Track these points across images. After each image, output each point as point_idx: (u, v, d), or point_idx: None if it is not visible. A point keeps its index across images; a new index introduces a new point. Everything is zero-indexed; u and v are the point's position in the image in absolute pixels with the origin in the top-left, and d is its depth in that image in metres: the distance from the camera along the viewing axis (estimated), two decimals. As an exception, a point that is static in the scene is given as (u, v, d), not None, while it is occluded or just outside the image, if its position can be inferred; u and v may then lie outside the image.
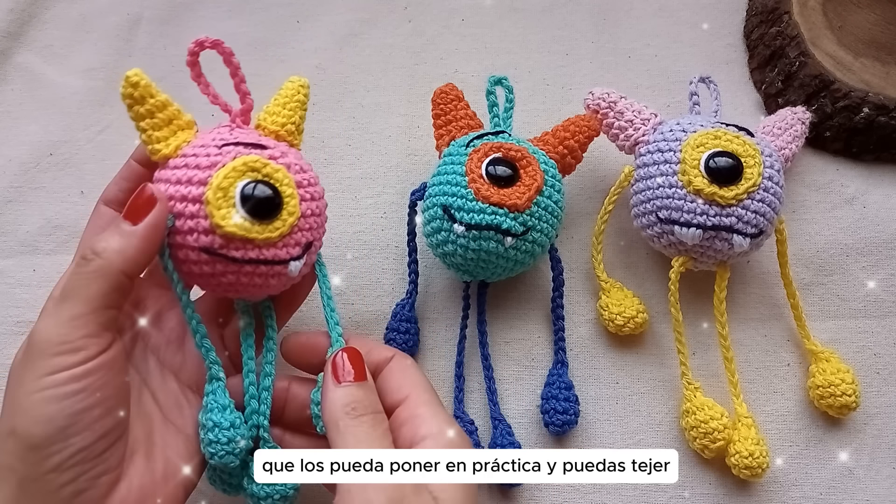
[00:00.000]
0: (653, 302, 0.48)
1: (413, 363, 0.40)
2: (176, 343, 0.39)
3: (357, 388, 0.35)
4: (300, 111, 0.40)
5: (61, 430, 0.30)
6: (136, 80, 0.34)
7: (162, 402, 0.37)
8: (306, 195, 0.37)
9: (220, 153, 0.35)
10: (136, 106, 0.35)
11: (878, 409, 0.46)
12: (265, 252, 0.35)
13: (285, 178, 0.35)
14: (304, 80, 0.41)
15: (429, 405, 0.37)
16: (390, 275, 0.50)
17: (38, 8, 0.59)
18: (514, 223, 0.41)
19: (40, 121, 0.55)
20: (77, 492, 0.31)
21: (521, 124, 0.52)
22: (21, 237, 0.52)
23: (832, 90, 0.49)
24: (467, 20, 0.58)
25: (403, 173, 0.52)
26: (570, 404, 0.44)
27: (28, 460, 0.30)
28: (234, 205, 0.34)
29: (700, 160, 0.42)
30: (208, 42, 0.36)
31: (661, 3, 0.58)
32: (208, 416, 0.36)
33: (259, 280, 0.35)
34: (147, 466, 0.34)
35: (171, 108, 0.36)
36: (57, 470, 0.30)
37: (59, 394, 0.30)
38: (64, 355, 0.31)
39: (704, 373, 0.47)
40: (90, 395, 0.31)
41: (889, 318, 0.48)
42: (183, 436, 0.37)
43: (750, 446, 0.42)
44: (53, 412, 0.30)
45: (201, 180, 0.34)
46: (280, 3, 0.59)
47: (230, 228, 0.33)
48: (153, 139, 0.35)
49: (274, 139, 0.38)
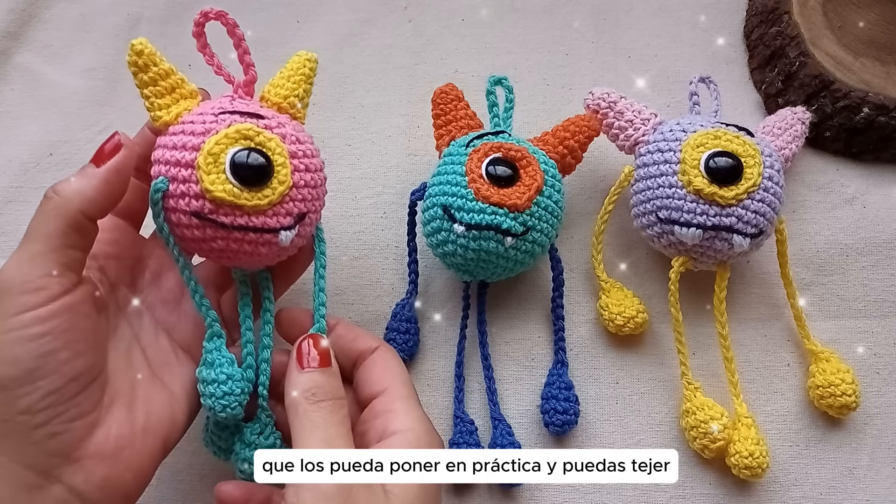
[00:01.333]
0: (653, 302, 0.48)
1: (395, 356, 0.40)
2: (173, 303, 0.40)
3: (319, 373, 0.36)
4: (304, 84, 0.40)
5: (29, 372, 0.31)
6: (140, 49, 0.36)
7: (151, 357, 0.38)
8: (300, 165, 0.37)
9: (216, 121, 0.36)
10: (141, 73, 0.36)
11: (878, 409, 0.46)
12: (254, 219, 0.35)
13: (278, 148, 0.36)
14: (312, 55, 0.41)
15: (404, 400, 0.37)
16: (390, 275, 0.50)
17: (38, 8, 0.59)
18: (514, 223, 0.41)
19: (40, 121, 0.55)
20: (51, 434, 0.31)
21: (521, 124, 0.52)
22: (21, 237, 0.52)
23: (832, 90, 0.49)
24: (467, 20, 0.58)
25: (403, 173, 0.52)
26: (570, 404, 0.44)
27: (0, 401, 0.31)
28: (224, 171, 0.34)
29: (700, 160, 0.42)
30: (213, 13, 0.37)
31: (661, 3, 0.58)
32: (219, 369, 0.37)
33: (249, 247, 0.36)
34: (127, 417, 0.35)
35: (175, 76, 0.37)
36: (28, 412, 0.31)
37: (25, 335, 0.31)
38: (26, 294, 0.31)
39: (704, 373, 0.47)
40: (56, 338, 0.31)
41: (889, 318, 0.48)
42: (168, 392, 0.37)
43: (750, 446, 0.42)
44: (20, 353, 0.31)
45: (195, 146, 0.35)
46: (280, 3, 0.59)
47: (218, 193, 0.34)
48: (155, 106, 0.36)
49: (276, 111, 0.39)
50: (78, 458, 0.32)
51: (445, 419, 0.46)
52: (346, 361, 0.40)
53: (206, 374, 0.37)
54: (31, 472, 0.31)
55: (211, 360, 0.38)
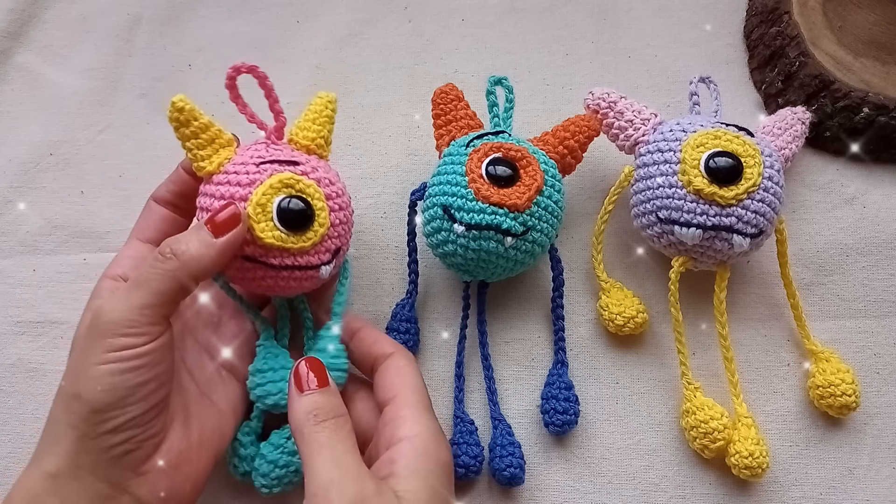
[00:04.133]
0: (653, 302, 0.48)
1: (410, 362, 0.41)
2: (212, 325, 0.43)
3: (319, 394, 0.37)
4: (329, 125, 0.44)
5: (121, 399, 0.34)
6: (181, 106, 0.38)
7: (198, 378, 0.41)
8: (335, 206, 0.40)
9: (259, 171, 0.39)
10: (182, 128, 0.38)
11: (878, 409, 0.46)
12: (299, 259, 0.39)
13: (316, 193, 0.39)
14: (332, 96, 0.44)
15: (412, 407, 0.38)
16: (390, 275, 0.50)
17: (38, 8, 0.59)
18: (514, 223, 0.41)
19: (40, 121, 0.55)
20: (126, 451, 0.35)
21: (521, 124, 0.52)
22: (21, 237, 0.52)
23: (832, 90, 0.49)
24: (467, 20, 0.58)
25: (403, 173, 0.52)
26: (570, 404, 0.44)
27: (89, 421, 0.34)
28: (272, 219, 0.38)
29: (700, 160, 0.42)
30: (244, 68, 0.39)
31: (661, 3, 0.58)
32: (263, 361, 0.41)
33: (294, 283, 0.40)
34: (184, 434, 0.38)
35: (213, 128, 0.39)
36: (112, 432, 0.34)
37: (123, 368, 0.34)
38: (130, 337, 0.35)
39: (704, 373, 0.47)
40: (148, 371, 0.35)
41: (889, 318, 0.48)
42: (216, 409, 0.41)
43: (750, 446, 0.42)
44: (116, 382, 0.34)
45: (242, 196, 0.38)
46: (280, 3, 0.59)
47: (269, 240, 0.38)
48: (198, 157, 0.39)
49: (305, 153, 0.42)
50: (145, 472, 0.36)
51: (445, 419, 0.46)
52: (366, 364, 0.42)
53: (255, 367, 0.41)
54: (104, 485, 0.35)
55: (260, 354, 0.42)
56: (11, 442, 0.47)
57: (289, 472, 0.41)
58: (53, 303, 0.50)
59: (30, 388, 0.48)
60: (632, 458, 0.45)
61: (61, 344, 0.49)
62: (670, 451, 0.45)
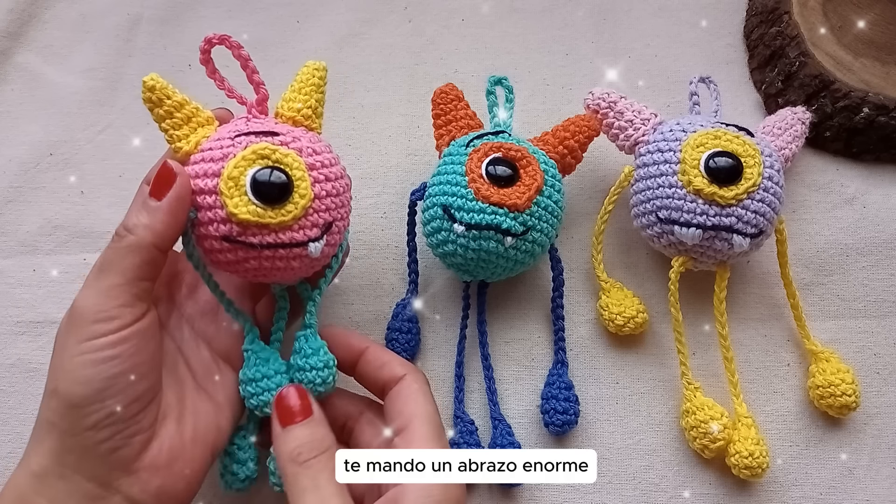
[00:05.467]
0: (653, 302, 0.48)
1: (421, 386, 0.39)
2: (210, 314, 0.41)
3: (301, 427, 0.36)
4: (316, 94, 0.41)
5: (98, 392, 0.33)
6: (152, 84, 0.36)
7: (195, 369, 0.39)
8: (320, 176, 0.37)
9: (233, 144, 0.36)
10: (156, 108, 0.37)
11: (878, 409, 0.46)
12: (281, 236, 0.36)
13: (295, 162, 0.36)
14: (320, 64, 0.42)
15: (424, 440, 0.36)
16: (390, 275, 0.50)
17: (38, 8, 0.59)
18: (514, 223, 0.41)
19: (40, 121, 0.55)
20: (112, 449, 0.33)
21: (521, 124, 0.52)
22: (21, 237, 0.52)
23: (832, 90, 0.49)
24: (467, 20, 0.58)
25: (403, 173, 0.52)
26: (570, 404, 0.44)
27: (68, 417, 0.33)
28: (246, 192, 0.35)
29: (700, 160, 0.42)
30: (216, 38, 0.37)
31: (661, 3, 0.58)
32: (255, 369, 0.39)
33: (281, 263, 0.37)
34: (177, 429, 0.36)
35: (189, 106, 0.37)
36: (94, 428, 0.33)
37: (97, 358, 0.33)
38: (101, 323, 0.33)
39: (704, 373, 0.47)
40: (125, 361, 0.34)
41: (889, 318, 0.48)
42: (213, 403, 0.39)
43: (750, 446, 0.42)
44: (91, 374, 0.33)
45: (215, 172, 0.36)
46: (280, 3, 0.59)
47: (243, 216, 0.35)
48: (174, 138, 0.37)
49: (291, 125, 0.39)
50: (135, 470, 0.34)
51: (445, 419, 0.46)
52: (376, 387, 0.40)
53: (244, 374, 0.39)
54: (93, 484, 0.33)
55: (247, 359, 0.39)
56: (11, 442, 0.47)
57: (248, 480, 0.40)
58: (53, 303, 0.50)
59: (30, 388, 0.48)
60: (632, 458, 0.45)
61: None
62: (670, 451, 0.45)
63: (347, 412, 0.41)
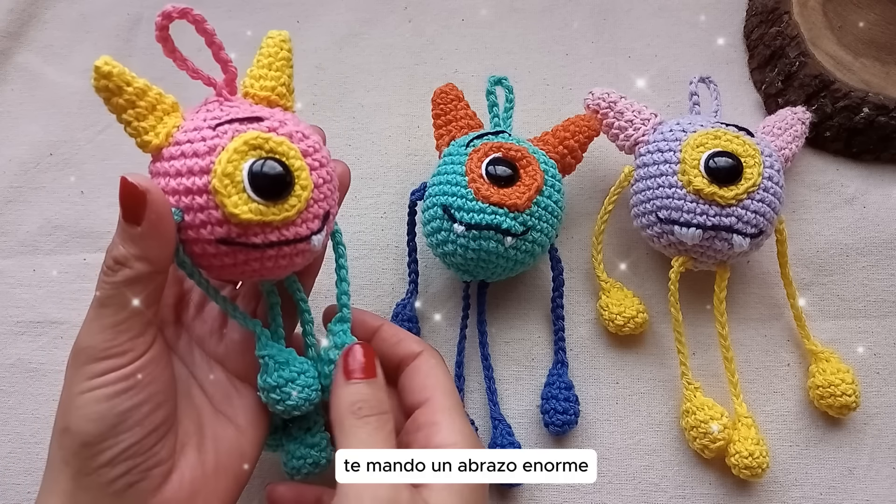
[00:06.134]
0: (653, 302, 0.48)
1: (439, 362, 0.39)
2: (218, 333, 0.39)
3: (365, 385, 0.35)
4: (287, 69, 0.36)
5: (112, 428, 0.31)
6: (107, 70, 0.31)
7: (211, 393, 0.37)
8: (315, 163, 0.34)
9: (217, 135, 0.32)
10: (114, 98, 0.31)
11: (878, 409, 0.46)
12: (286, 232, 0.33)
13: (291, 150, 0.33)
14: (284, 34, 0.37)
15: (447, 412, 0.36)
16: (390, 275, 0.50)
17: (38, 8, 0.59)
18: (514, 223, 0.41)
19: (40, 121, 0.55)
20: (129, 484, 0.32)
21: (521, 124, 0.52)
22: (21, 237, 0.52)
23: (832, 90, 0.49)
24: (467, 20, 0.58)
25: (403, 173, 0.52)
26: (570, 404, 0.44)
27: (81, 455, 0.31)
28: (244, 189, 0.31)
29: (700, 160, 0.42)
30: (175, 11, 0.32)
31: (661, 3, 0.58)
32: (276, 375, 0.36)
33: (284, 261, 0.34)
34: (198, 459, 0.35)
35: (152, 92, 0.32)
36: (109, 465, 0.31)
37: (109, 393, 0.31)
38: (112, 359, 0.31)
39: (704, 373, 0.47)
40: (138, 393, 0.32)
41: (889, 318, 0.48)
42: (234, 426, 0.37)
43: (750, 446, 0.42)
44: (104, 410, 0.31)
45: (203, 168, 0.31)
46: (280, 3, 0.59)
47: (246, 216, 0.31)
48: (140, 130, 0.32)
49: (266, 105, 0.35)
50: None
51: (445, 419, 0.46)
52: (390, 365, 0.39)
53: (263, 381, 0.36)
54: None
55: (265, 364, 0.36)
56: (11, 442, 0.47)
57: (319, 467, 0.39)
58: (53, 303, 0.50)
59: (30, 388, 0.48)
60: (632, 458, 0.45)
61: (61, 344, 0.49)
62: (670, 451, 0.45)
63: None
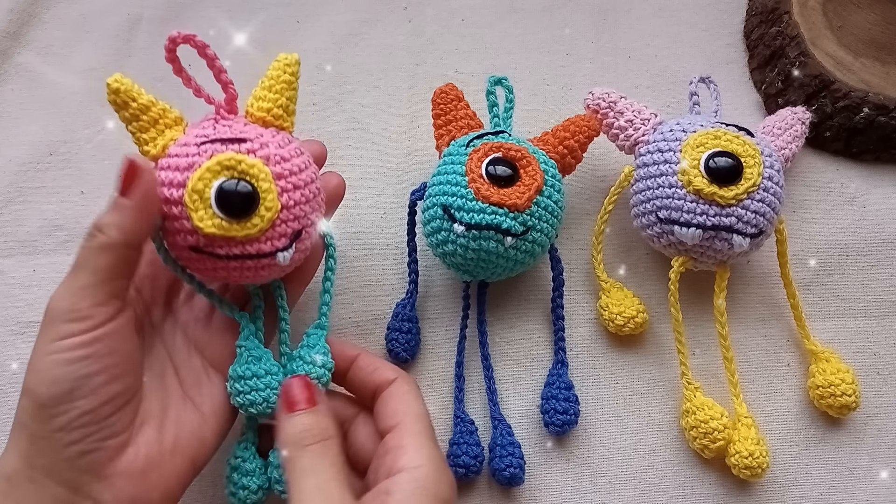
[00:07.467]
0: (653, 302, 0.48)
1: (412, 388, 0.40)
2: (204, 321, 0.41)
3: (306, 415, 0.36)
4: (287, 92, 0.39)
5: (67, 393, 0.32)
6: (117, 87, 0.35)
7: (183, 377, 0.39)
8: (288, 185, 0.36)
9: (199, 153, 0.35)
10: (121, 111, 0.36)
11: (878, 409, 0.46)
12: (248, 248, 0.35)
13: (261, 173, 0.35)
14: (292, 57, 0.40)
15: (415, 436, 0.37)
16: (390, 275, 0.50)
17: (38, 8, 0.59)
18: (514, 223, 0.41)
19: (40, 121, 0.55)
20: (83, 452, 0.33)
21: (521, 124, 0.52)
22: (21, 237, 0.52)
23: (832, 90, 0.49)
24: (467, 20, 0.58)
25: (403, 173, 0.52)
26: (570, 404, 0.44)
27: (37, 418, 0.32)
28: (211, 205, 0.34)
29: (700, 160, 0.42)
30: (180, 37, 0.36)
31: (661, 3, 0.58)
32: (245, 367, 0.38)
33: (249, 273, 0.37)
34: (157, 437, 0.36)
35: (156, 108, 0.36)
36: (63, 430, 0.32)
37: (66, 358, 0.32)
38: (72, 322, 0.33)
39: (704, 373, 0.47)
40: (95, 362, 0.33)
41: (889, 318, 0.48)
42: (198, 413, 0.38)
43: (750, 446, 0.42)
44: (60, 375, 0.32)
45: (181, 182, 0.35)
46: (280, 3, 0.59)
47: (209, 230, 0.34)
48: (142, 141, 0.36)
49: (261, 125, 0.38)
50: (108, 476, 0.33)
51: (445, 419, 0.46)
52: (367, 393, 0.40)
53: (234, 370, 0.38)
54: (62, 489, 0.33)
55: (239, 355, 0.39)
56: (11, 442, 0.47)
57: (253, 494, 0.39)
58: (53, 303, 0.50)
59: (30, 388, 0.48)
60: (632, 458, 0.45)
61: None
62: (670, 451, 0.45)
63: (344, 415, 0.41)
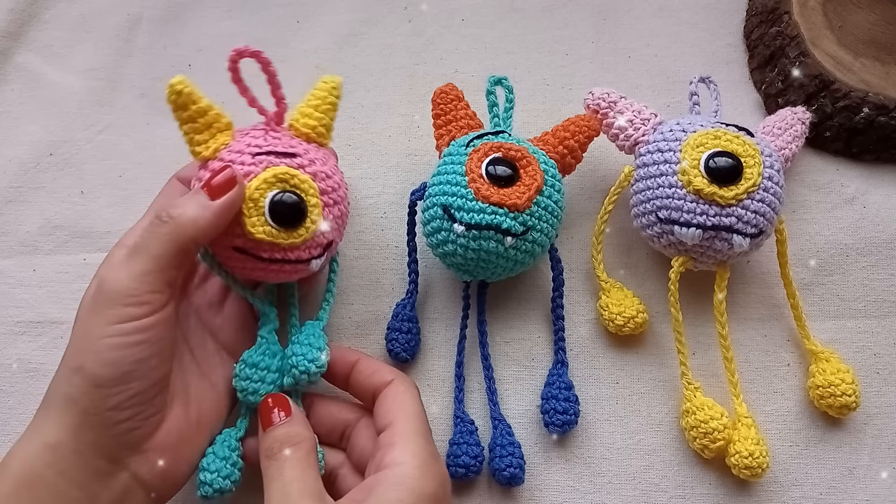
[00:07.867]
0: (653, 302, 0.48)
1: (409, 388, 0.40)
2: (217, 306, 0.43)
3: (280, 427, 0.38)
4: (332, 112, 0.42)
5: (125, 375, 0.34)
6: (179, 89, 0.37)
7: (199, 358, 0.41)
8: (329, 201, 0.40)
9: (254, 162, 0.38)
10: (179, 111, 0.38)
11: (878, 409, 0.46)
12: (290, 254, 0.39)
13: (310, 189, 0.39)
14: (337, 81, 0.43)
15: (405, 434, 0.37)
16: (390, 275, 0.50)
17: (38, 8, 0.59)
18: (514, 223, 0.41)
19: (40, 121, 0.55)
20: (129, 429, 0.35)
21: (521, 124, 0.52)
22: (21, 237, 0.52)
23: (832, 90, 0.49)
24: (467, 20, 0.58)
25: (403, 173, 0.52)
26: (570, 404, 0.44)
27: (92, 396, 0.34)
28: (264, 214, 0.38)
29: (700, 160, 0.42)
30: (248, 52, 0.38)
31: (661, 3, 0.58)
32: (259, 357, 0.41)
33: (284, 275, 0.40)
34: (184, 414, 0.38)
35: (212, 112, 0.39)
36: (116, 408, 0.34)
37: (126, 342, 0.34)
38: (132, 307, 0.34)
39: (704, 373, 0.47)
40: (150, 347, 0.35)
41: (889, 318, 0.48)
42: (214, 392, 0.41)
43: (750, 446, 0.42)
44: (119, 357, 0.34)
45: None
46: (280, 3, 0.59)
47: (259, 236, 0.38)
48: (194, 142, 0.39)
49: (305, 140, 0.41)
50: (145, 450, 0.36)
51: (445, 419, 0.46)
52: (367, 395, 0.42)
53: (248, 357, 0.41)
54: (104, 461, 0.35)
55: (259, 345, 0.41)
56: (11, 442, 0.46)
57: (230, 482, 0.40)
58: (53, 303, 0.50)
59: (30, 388, 0.48)
60: (632, 458, 0.45)
61: (61, 344, 0.48)
62: (670, 451, 0.45)
63: (346, 419, 0.42)
